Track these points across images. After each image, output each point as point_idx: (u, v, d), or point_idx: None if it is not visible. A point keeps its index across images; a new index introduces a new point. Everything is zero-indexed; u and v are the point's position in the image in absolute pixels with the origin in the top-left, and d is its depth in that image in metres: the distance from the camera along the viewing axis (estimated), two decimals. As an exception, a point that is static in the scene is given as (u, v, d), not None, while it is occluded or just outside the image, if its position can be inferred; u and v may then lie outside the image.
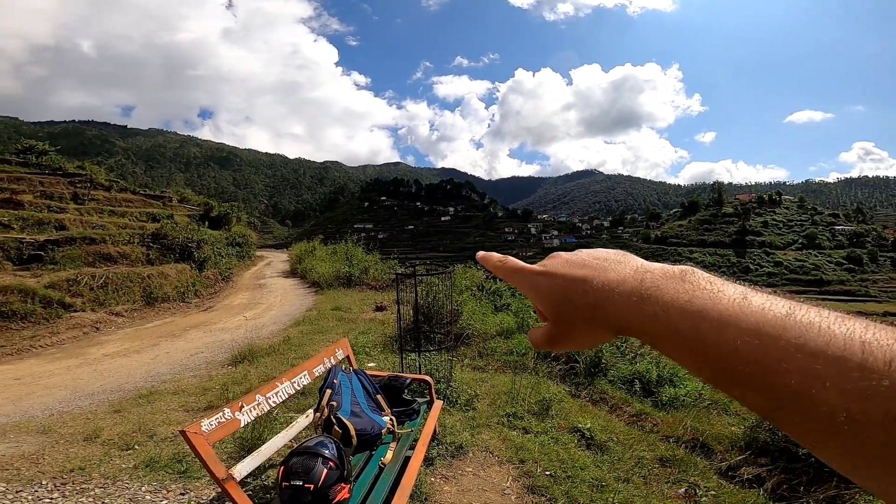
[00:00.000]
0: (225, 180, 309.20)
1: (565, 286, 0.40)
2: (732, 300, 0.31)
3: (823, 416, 0.25)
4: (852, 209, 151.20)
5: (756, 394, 0.28)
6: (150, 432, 3.74)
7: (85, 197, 16.23)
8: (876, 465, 0.24)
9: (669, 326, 0.32)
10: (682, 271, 0.35)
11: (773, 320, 0.28)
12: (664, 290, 0.34)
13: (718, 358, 0.29)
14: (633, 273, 0.37)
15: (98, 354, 7.03)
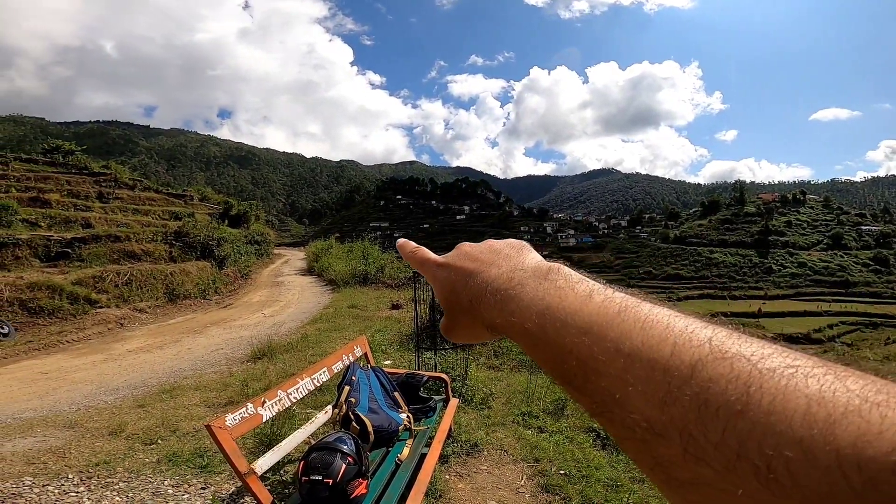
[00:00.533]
0: (244, 179, 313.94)
1: (454, 279, 0.41)
2: (577, 298, 0.30)
3: (631, 424, 0.24)
4: (879, 209, 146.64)
5: (582, 395, 0.27)
6: (173, 427, 3.83)
7: (110, 196, 16.65)
8: (675, 488, 0.22)
9: (522, 325, 0.32)
10: (548, 269, 0.35)
11: (603, 318, 0.27)
12: (525, 289, 0.34)
13: (556, 357, 0.29)
14: (509, 270, 0.37)
15: (122, 350, 7.23)
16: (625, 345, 0.25)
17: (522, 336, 0.32)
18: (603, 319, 0.27)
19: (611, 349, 0.25)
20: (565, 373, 0.28)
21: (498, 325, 0.35)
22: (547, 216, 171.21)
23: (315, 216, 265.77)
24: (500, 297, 0.35)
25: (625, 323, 0.26)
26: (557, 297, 0.31)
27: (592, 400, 0.26)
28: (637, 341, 0.25)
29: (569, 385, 0.28)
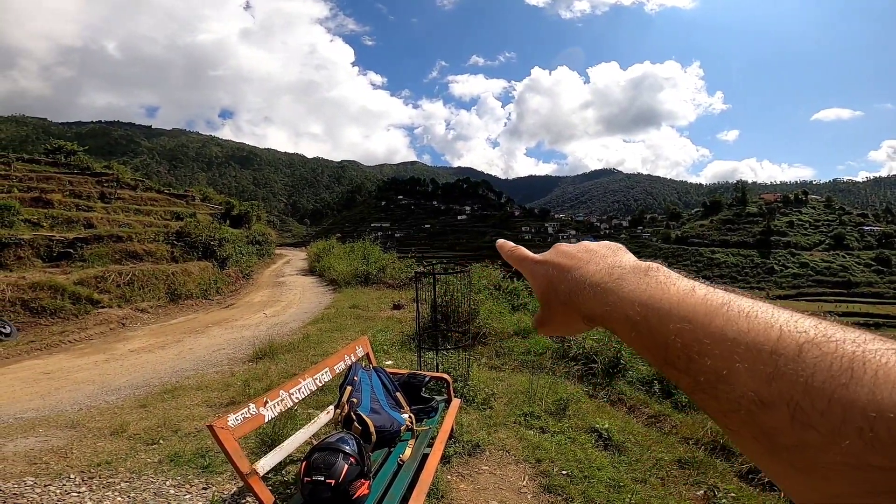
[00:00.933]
0: (245, 179, 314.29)
1: (552, 274, 0.45)
2: (680, 291, 0.34)
3: (735, 397, 0.27)
4: (882, 209, 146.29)
5: (684, 374, 0.30)
6: (175, 427, 3.83)
7: (112, 196, 16.68)
8: (779, 452, 0.25)
9: (622, 314, 0.36)
10: (647, 267, 0.39)
11: (708, 308, 0.31)
12: (625, 283, 0.37)
13: (658, 342, 0.32)
14: (608, 267, 0.41)
15: (124, 350, 7.24)
16: (731, 330, 0.29)
17: (623, 323, 0.36)
18: (708, 309, 0.31)
19: (717, 334, 0.29)
20: (668, 355, 0.32)
21: (597, 314, 0.39)
22: (548, 216, 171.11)
23: (316, 216, 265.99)
24: (601, 290, 0.39)
25: (730, 312, 0.30)
26: (659, 289, 0.35)
27: (695, 379, 0.30)
28: (743, 327, 0.28)
29: (670, 366, 0.32)
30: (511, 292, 10.16)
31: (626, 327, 0.35)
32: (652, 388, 5.76)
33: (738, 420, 0.27)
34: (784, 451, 0.25)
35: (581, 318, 0.41)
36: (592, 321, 0.40)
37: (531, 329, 7.49)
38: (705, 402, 0.29)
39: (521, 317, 8.28)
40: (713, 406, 0.29)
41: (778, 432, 0.25)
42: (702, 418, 5.03)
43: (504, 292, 10.12)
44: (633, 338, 0.35)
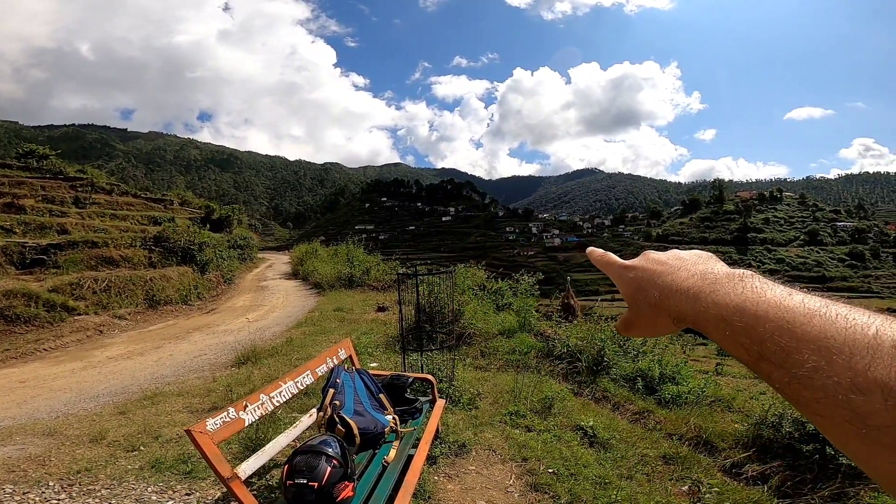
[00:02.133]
0: (226, 183, 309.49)
1: (641, 278, 0.50)
2: (777, 297, 0.37)
3: (831, 385, 0.30)
4: (854, 205, 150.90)
5: (779, 369, 0.34)
6: (156, 433, 3.75)
7: (86, 201, 16.27)
8: (870, 433, 0.29)
9: (716, 316, 0.40)
10: (741, 274, 0.42)
11: (805, 310, 0.35)
12: (719, 287, 0.41)
13: (753, 340, 0.36)
14: (701, 273, 0.45)
15: (102, 357, 7.06)
16: (831, 329, 0.32)
17: (716, 324, 0.40)
18: (806, 311, 0.35)
19: (816, 332, 0.33)
20: (763, 351, 0.35)
21: (688, 316, 0.43)
22: (532, 216, 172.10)
23: (299, 219, 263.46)
24: (693, 294, 0.43)
25: (829, 314, 0.34)
26: (755, 294, 0.39)
27: (790, 372, 0.33)
28: (842, 326, 0.32)
29: (764, 361, 0.35)
30: (495, 292, 10.19)
31: (719, 327, 0.39)
32: (636, 385, 5.82)
33: (832, 405, 0.30)
34: (876, 430, 0.28)
35: (671, 320, 0.46)
36: (682, 322, 0.45)
37: (515, 328, 7.52)
38: (798, 392, 0.33)
39: (505, 316, 8.31)
40: (806, 395, 0.32)
41: (872, 415, 0.28)
42: (685, 414, 5.10)
43: (489, 292, 10.14)
44: (725, 336, 0.39)
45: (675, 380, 5.94)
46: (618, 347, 6.53)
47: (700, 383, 6.06)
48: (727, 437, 4.79)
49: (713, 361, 16.69)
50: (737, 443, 4.72)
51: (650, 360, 6.29)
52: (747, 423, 5.08)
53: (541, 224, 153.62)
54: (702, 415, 5.16)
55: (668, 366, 6.15)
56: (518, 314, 8.28)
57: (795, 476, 4.30)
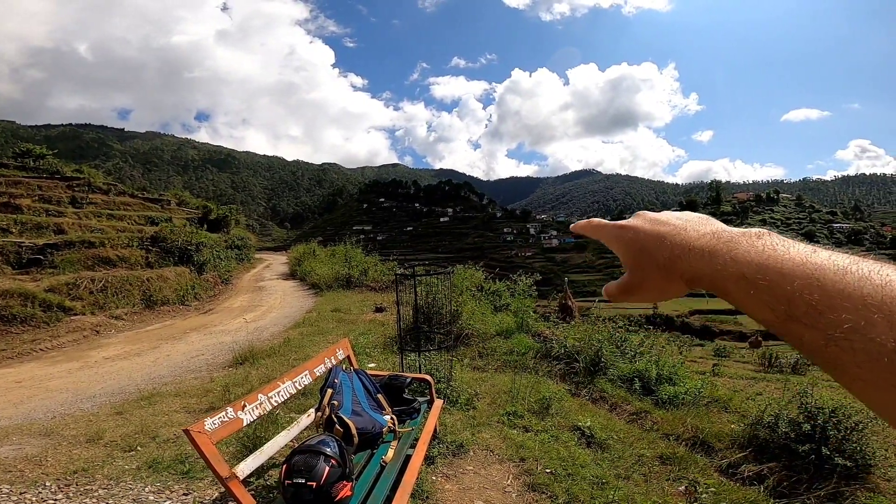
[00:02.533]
0: (223, 183, 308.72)
1: (645, 239, 0.47)
2: (801, 253, 0.36)
3: (874, 347, 0.29)
4: (850, 207, 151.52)
5: (812, 330, 0.32)
6: (153, 434, 3.75)
7: (83, 200, 16.22)
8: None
9: (735, 274, 0.38)
10: (758, 232, 0.41)
11: (834, 267, 0.33)
12: (738, 245, 0.40)
13: (780, 299, 0.34)
14: (713, 232, 0.43)
15: (98, 357, 7.04)
16: (867, 286, 0.31)
17: (736, 282, 0.38)
18: (836, 268, 0.33)
19: (850, 290, 0.31)
20: (792, 311, 0.33)
21: (705, 275, 0.41)
22: (530, 217, 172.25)
23: (297, 220, 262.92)
24: (709, 253, 0.41)
25: (861, 271, 0.32)
26: (777, 251, 0.37)
27: (825, 333, 0.31)
28: (877, 283, 0.31)
29: (794, 321, 0.33)
30: (493, 293, 10.19)
31: (740, 286, 0.37)
32: (633, 386, 5.83)
33: (875, 368, 0.29)
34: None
35: (683, 281, 0.43)
36: (696, 283, 0.42)
37: (513, 329, 7.52)
38: (836, 356, 0.31)
39: (503, 317, 8.32)
40: (846, 358, 0.30)
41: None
42: (681, 414, 5.12)
43: (486, 293, 10.14)
44: (748, 296, 0.37)
45: (672, 380, 5.96)
46: (615, 348, 6.55)
47: (697, 384, 6.07)
48: (724, 437, 4.81)
49: (710, 362, 16.74)
50: (733, 443, 4.74)
51: (647, 360, 6.30)
52: (744, 424, 5.10)
53: (538, 225, 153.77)
54: (698, 415, 5.18)
55: (665, 366, 6.16)
56: (516, 315, 8.29)
57: (791, 476, 4.32)
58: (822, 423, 4.46)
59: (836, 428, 4.41)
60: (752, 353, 23.63)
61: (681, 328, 54.42)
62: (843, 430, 4.40)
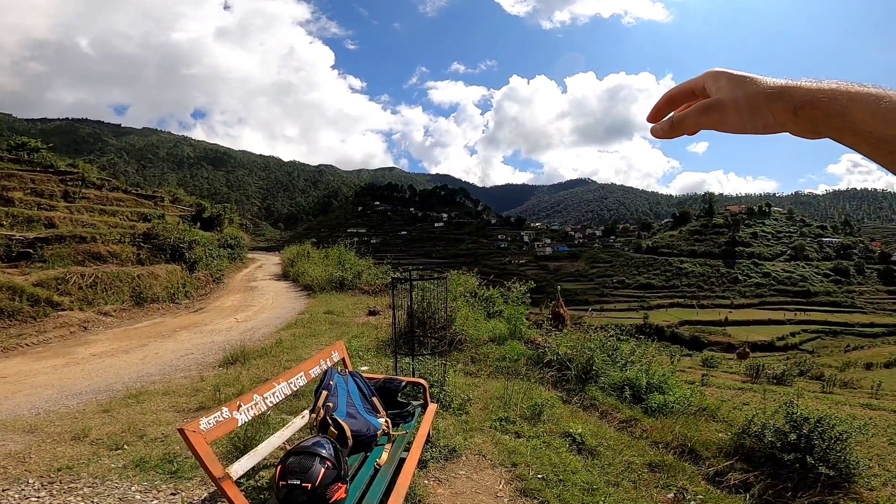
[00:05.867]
0: (218, 181, 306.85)
1: (738, 77, 0.48)
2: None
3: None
4: (840, 221, 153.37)
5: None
6: (140, 432, 3.71)
7: (76, 195, 16.07)
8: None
9: (865, 94, 0.40)
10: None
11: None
12: (834, 81, 0.43)
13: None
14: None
15: (86, 354, 6.95)
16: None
17: (863, 101, 0.40)
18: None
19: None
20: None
21: (823, 97, 0.42)
22: (524, 225, 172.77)
23: (291, 221, 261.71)
24: (818, 84, 0.43)
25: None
26: (886, 91, 0.40)
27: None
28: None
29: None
30: (486, 299, 10.21)
31: (863, 103, 0.39)
32: (623, 394, 5.87)
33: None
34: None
35: (789, 109, 0.44)
36: (810, 107, 0.43)
37: (506, 336, 7.54)
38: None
39: (496, 324, 8.33)
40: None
41: None
42: (670, 422, 5.15)
43: (480, 299, 10.16)
44: (876, 110, 0.39)
45: (661, 389, 6.00)
46: (606, 357, 6.59)
47: (686, 393, 6.13)
48: (711, 445, 4.85)
49: (699, 372, 16.87)
50: (720, 451, 4.79)
51: (638, 369, 6.34)
52: (731, 433, 5.15)
53: (533, 233, 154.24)
54: (687, 424, 5.22)
55: (655, 375, 6.21)
56: (508, 322, 8.31)
57: (777, 485, 4.37)
58: (807, 433, 4.52)
59: (821, 438, 4.47)
60: (739, 364, 23.84)
61: (671, 338, 54.88)
62: (828, 440, 4.46)
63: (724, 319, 71.58)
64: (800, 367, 19.94)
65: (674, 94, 0.54)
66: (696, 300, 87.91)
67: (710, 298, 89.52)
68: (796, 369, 18.58)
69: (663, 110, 0.55)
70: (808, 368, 20.50)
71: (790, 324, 70.56)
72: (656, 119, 0.56)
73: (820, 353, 51.35)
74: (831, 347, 57.25)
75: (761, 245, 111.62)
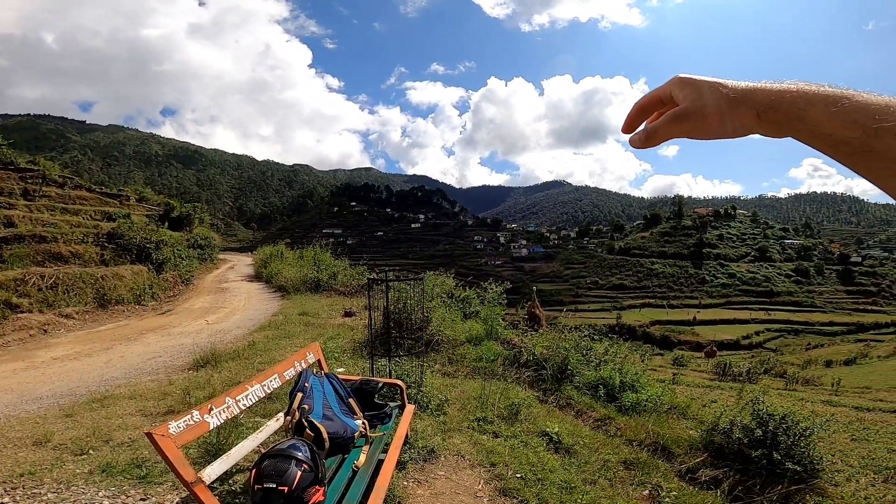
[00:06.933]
0: (188, 180, 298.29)
1: (705, 84, 0.49)
2: (866, 95, 0.40)
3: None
4: (801, 224, 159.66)
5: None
6: (106, 437, 3.57)
7: (36, 193, 15.40)
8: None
9: (823, 96, 0.41)
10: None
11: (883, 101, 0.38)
12: (800, 86, 0.43)
13: (870, 116, 0.38)
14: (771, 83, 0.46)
15: (46, 357, 6.66)
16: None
17: (819, 104, 0.40)
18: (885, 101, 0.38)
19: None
20: (881, 126, 0.37)
21: (783, 101, 0.43)
22: (500, 226, 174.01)
23: (264, 221, 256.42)
24: (779, 87, 0.44)
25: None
26: (844, 92, 0.40)
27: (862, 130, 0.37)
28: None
29: (888, 133, 0.37)
30: (463, 300, 10.23)
31: (825, 105, 0.40)
32: (597, 393, 5.96)
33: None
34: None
35: (754, 112, 0.45)
36: (771, 111, 0.44)
37: (482, 336, 7.56)
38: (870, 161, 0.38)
39: (472, 324, 8.35)
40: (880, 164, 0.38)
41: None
42: (643, 420, 5.26)
43: (457, 300, 10.17)
44: (830, 114, 0.40)
45: (634, 388, 6.13)
46: (581, 356, 6.68)
47: (657, 391, 6.26)
48: (682, 443, 4.97)
49: (669, 371, 17.30)
50: (691, 448, 4.91)
51: (611, 368, 6.46)
52: (701, 430, 5.29)
53: (509, 234, 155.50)
54: (659, 421, 5.34)
55: (627, 374, 6.33)
56: (485, 322, 8.34)
57: (746, 481, 4.50)
58: (772, 430, 4.67)
59: (786, 434, 4.63)
60: (707, 363, 24.54)
61: (643, 338, 56.05)
62: (793, 437, 4.62)
63: (692, 319, 73.58)
64: (764, 366, 20.64)
65: (643, 103, 0.56)
66: (666, 300, 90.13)
67: (679, 299, 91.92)
68: (761, 367, 19.23)
69: (636, 120, 0.57)
70: (772, 366, 21.25)
71: (754, 323, 73.03)
72: (631, 129, 0.57)
73: (783, 351, 53.31)
74: (793, 346, 59.51)
75: (727, 247, 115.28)
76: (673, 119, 0.50)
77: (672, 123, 0.50)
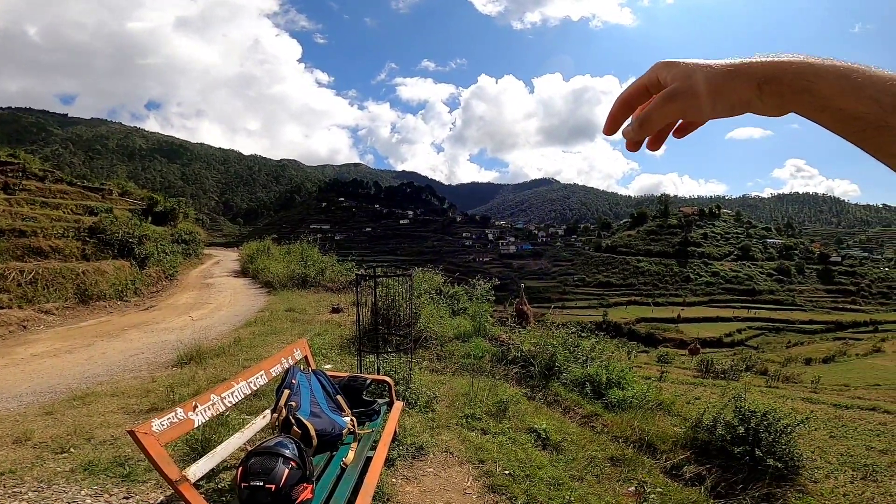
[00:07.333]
0: (173, 174, 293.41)
1: (691, 65, 0.46)
2: (876, 71, 0.38)
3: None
4: (783, 223, 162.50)
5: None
6: (88, 435, 3.50)
7: (16, 187, 15.04)
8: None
9: (831, 69, 0.38)
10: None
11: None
12: (808, 60, 0.41)
13: (887, 92, 0.36)
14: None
15: (25, 354, 6.51)
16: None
17: (832, 77, 0.38)
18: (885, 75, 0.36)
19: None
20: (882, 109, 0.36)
21: (786, 73, 0.40)
22: (489, 223, 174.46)
23: (251, 216, 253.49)
24: (779, 60, 0.41)
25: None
26: (853, 66, 0.39)
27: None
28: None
29: (893, 114, 0.36)
30: (451, 297, 10.23)
31: (831, 79, 0.38)
32: (584, 390, 6.01)
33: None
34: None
35: (754, 83, 0.42)
36: (772, 83, 0.41)
37: (470, 333, 7.57)
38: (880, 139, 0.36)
39: (461, 321, 8.36)
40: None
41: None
42: (629, 417, 5.31)
43: (444, 297, 10.16)
44: (841, 90, 0.38)
45: (620, 385, 6.18)
46: (568, 353, 6.73)
47: (643, 388, 6.33)
48: (667, 439, 5.03)
49: (654, 368, 17.51)
50: (676, 445, 4.97)
51: (598, 365, 6.51)
52: (685, 427, 5.36)
53: (497, 231, 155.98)
54: (645, 418, 5.40)
55: (614, 371, 6.39)
56: (473, 319, 8.35)
57: (729, 477, 4.57)
58: (754, 427, 4.75)
59: (768, 431, 4.71)
60: (691, 360, 24.89)
61: (628, 335, 56.69)
62: (774, 433, 4.71)
63: (677, 317, 74.58)
64: (746, 363, 20.97)
65: (626, 96, 0.51)
66: (651, 298, 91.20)
67: (664, 296, 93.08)
68: (743, 364, 19.55)
69: (620, 117, 0.52)
70: (754, 364, 21.59)
71: (737, 321, 74.25)
72: (615, 128, 0.53)
73: (764, 348, 54.28)
74: (774, 343, 60.61)
75: (711, 245, 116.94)
76: (668, 98, 0.46)
77: (666, 104, 0.46)
